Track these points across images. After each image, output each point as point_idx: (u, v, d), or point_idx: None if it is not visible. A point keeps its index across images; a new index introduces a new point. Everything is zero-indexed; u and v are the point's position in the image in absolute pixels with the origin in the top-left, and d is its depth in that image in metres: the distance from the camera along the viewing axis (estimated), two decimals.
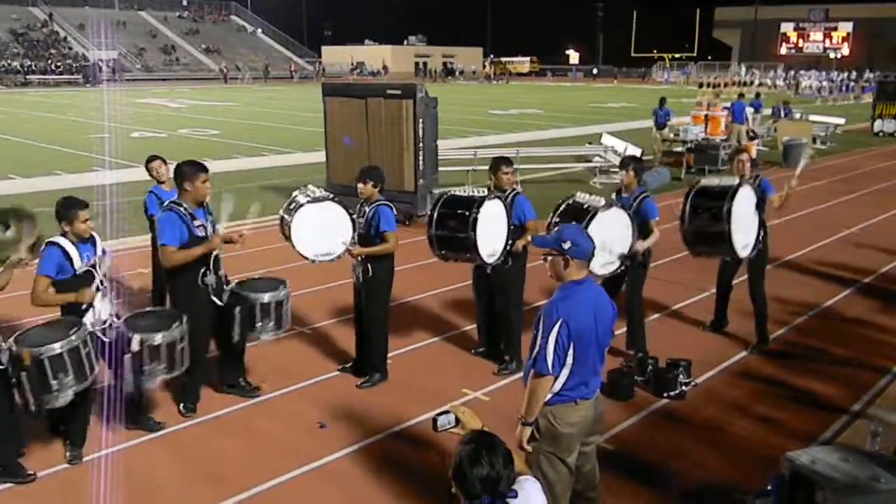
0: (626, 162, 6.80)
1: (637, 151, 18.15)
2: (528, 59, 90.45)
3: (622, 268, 6.33)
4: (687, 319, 8.10)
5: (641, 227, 6.42)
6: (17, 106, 37.09)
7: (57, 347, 4.79)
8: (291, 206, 6.21)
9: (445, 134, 19.80)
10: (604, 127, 25.22)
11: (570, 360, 3.76)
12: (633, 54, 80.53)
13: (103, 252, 5.44)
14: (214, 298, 5.86)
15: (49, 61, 59.74)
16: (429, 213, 6.36)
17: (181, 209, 5.69)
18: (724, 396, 6.36)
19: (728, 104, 21.65)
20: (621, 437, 5.65)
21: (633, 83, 70.90)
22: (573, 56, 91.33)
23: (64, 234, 5.21)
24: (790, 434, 5.63)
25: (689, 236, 6.46)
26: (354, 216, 6.26)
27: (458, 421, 3.04)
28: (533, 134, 26.17)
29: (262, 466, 5.23)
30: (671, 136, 20.00)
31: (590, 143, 19.54)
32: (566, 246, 3.77)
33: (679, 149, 19.03)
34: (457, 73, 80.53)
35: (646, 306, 7.27)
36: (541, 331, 3.74)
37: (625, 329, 6.89)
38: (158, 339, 5.31)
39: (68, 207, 5.20)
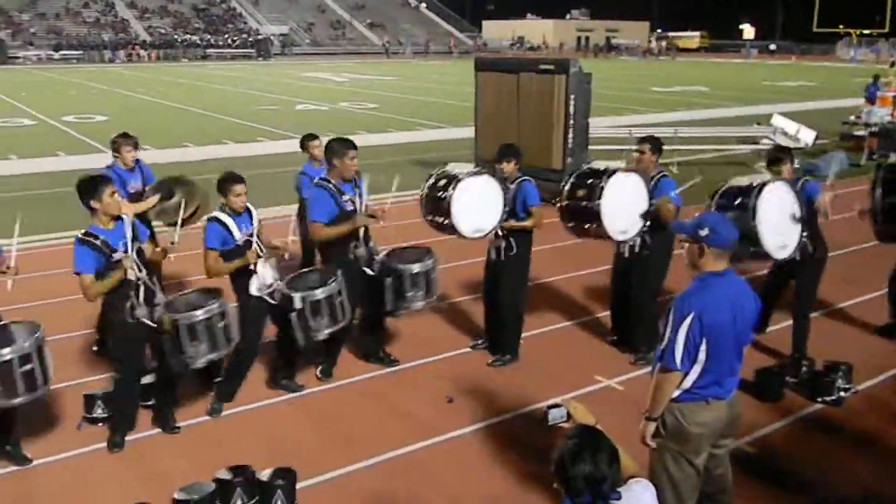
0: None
1: (811, 134, 16.85)
2: (697, 34, 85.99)
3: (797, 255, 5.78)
4: (852, 320, 7.42)
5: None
6: (195, 78, 39.81)
7: (199, 315, 5.05)
8: (448, 181, 6.00)
9: (600, 111, 19.32)
10: (776, 107, 23.59)
11: (702, 356, 3.51)
12: (815, 29, 74.65)
13: (259, 222, 5.72)
14: (366, 269, 6.00)
15: (226, 36, 63.55)
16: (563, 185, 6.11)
17: (330, 185, 5.87)
18: (889, 406, 5.78)
19: None
20: (766, 441, 5.27)
21: (813, 61, 65.93)
22: (748, 31, 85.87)
23: (222, 208, 5.51)
24: None
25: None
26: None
27: (569, 416, 2.90)
28: (696, 113, 24.93)
29: (390, 435, 5.33)
30: (852, 118, 18.41)
31: (758, 124, 18.33)
32: (703, 233, 3.50)
33: (861, 132, 17.47)
34: (620, 48, 78.14)
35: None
36: (670, 323, 3.51)
37: (779, 326, 6.41)
38: (319, 294, 5.54)
39: (225, 182, 5.49)
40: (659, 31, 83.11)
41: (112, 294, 4.95)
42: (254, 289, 5.47)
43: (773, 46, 75.72)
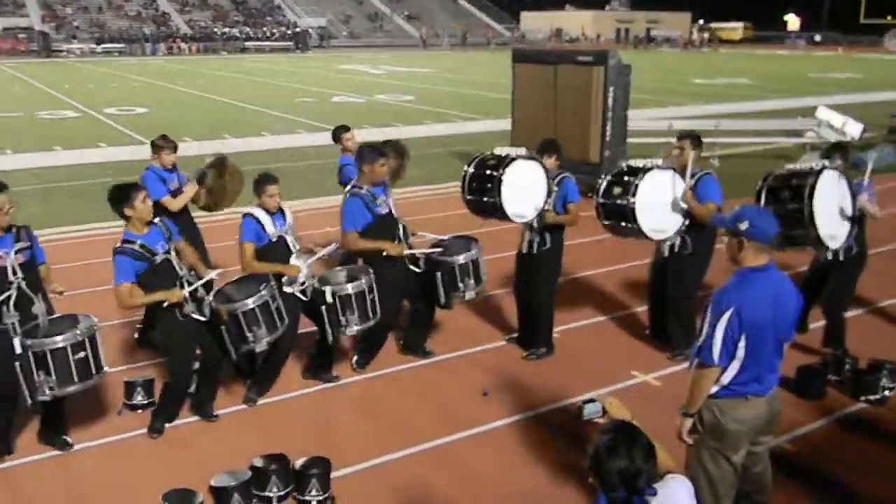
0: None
1: (858, 127, 16.43)
2: (740, 24, 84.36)
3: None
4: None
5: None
6: (234, 71, 40.22)
7: (250, 303, 5.11)
8: (499, 161, 5.94)
9: (639, 103, 19.10)
10: (822, 100, 23.05)
11: (741, 352, 3.45)
12: (862, 20, 72.82)
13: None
14: (412, 267, 6.01)
15: (265, 28, 64.06)
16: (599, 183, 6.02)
17: (363, 192, 5.88)
18: None
19: None
20: (806, 439, 5.17)
21: (860, 52, 64.36)
22: (793, 22, 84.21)
23: (259, 206, 5.59)
24: None
25: None
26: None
27: (605, 411, 2.86)
28: (739, 105, 24.47)
29: (424, 426, 5.34)
30: None
31: (802, 117, 17.95)
32: (742, 226, 3.43)
33: None
34: (660, 40, 77.08)
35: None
36: (709, 318, 3.45)
37: (821, 324, 6.28)
38: (349, 289, 5.58)
39: (259, 182, 5.60)
40: (701, 22, 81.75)
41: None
42: (286, 285, 5.52)
43: (818, 38, 74.08)
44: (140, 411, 5.50)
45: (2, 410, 4.85)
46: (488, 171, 5.92)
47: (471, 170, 6.06)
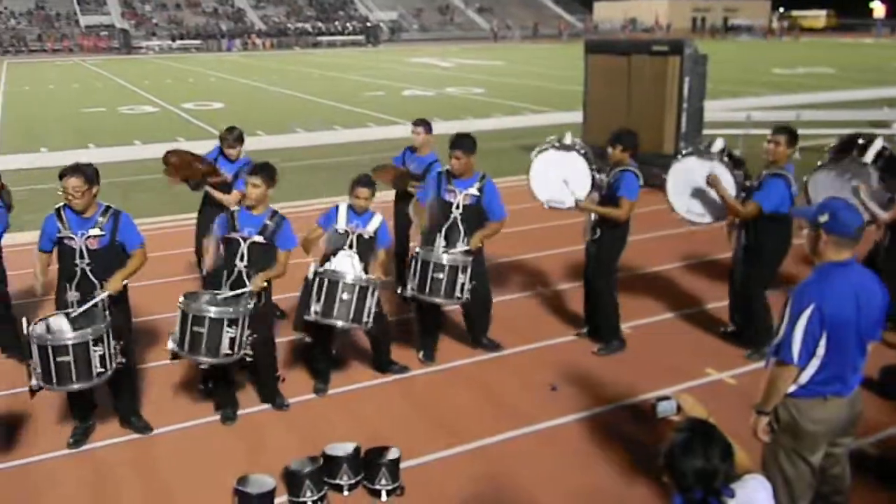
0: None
1: None
2: (823, 12, 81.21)
3: None
4: None
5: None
6: (306, 65, 40.88)
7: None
8: (540, 151, 6.40)
9: (716, 94, 18.59)
10: None
11: (821, 350, 3.32)
12: None
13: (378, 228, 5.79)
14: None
15: (337, 23, 64.90)
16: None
17: (443, 173, 6.09)
18: None
19: None
20: (890, 442, 4.94)
21: None
22: (878, 9, 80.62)
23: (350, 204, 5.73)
24: None
25: None
26: (598, 175, 6.11)
27: (679, 409, 2.78)
28: (821, 95, 23.58)
29: (491, 420, 5.32)
30: None
31: (889, 107, 17.15)
32: (822, 219, 3.29)
33: None
34: (738, 29, 74.80)
35: None
36: (788, 315, 3.33)
37: None
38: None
39: (352, 183, 5.73)
40: (781, 10, 79.01)
41: None
42: (310, 272, 5.48)
43: None
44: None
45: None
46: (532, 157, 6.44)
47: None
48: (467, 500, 4.48)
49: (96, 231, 4.95)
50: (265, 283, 5.21)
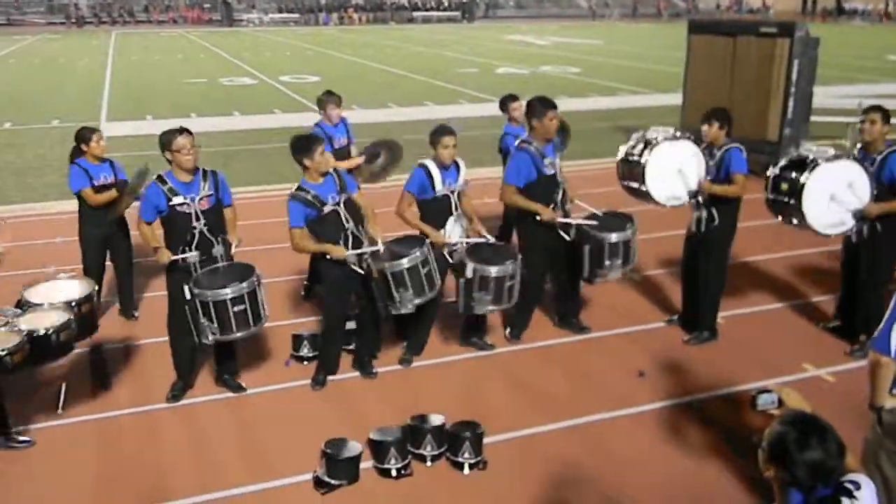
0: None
1: None
2: None
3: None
4: None
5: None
6: (402, 41, 41.04)
7: (405, 263, 5.20)
8: (644, 145, 5.90)
9: (827, 80, 17.72)
10: None
11: None
12: None
13: (465, 183, 5.82)
14: (562, 233, 5.92)
15: None
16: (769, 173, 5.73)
17: (531, 148, 5.82)
18: None
19: None
20: None
21: None
22: None
23: (434, 158, 5.65)
24: None
25: None
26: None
27: (781, 402, 2.68)
28: None
29: (576, 401, 5.30)
30: None
31: None
32: None
33: None
34: (853, 12, 70.87)
35: None
36: (892, 306, 3.20)
37: None
38: (492, 272, 5.49)
39: (435, 133, 5.63)
40: None
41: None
42: (469, 271, 5.46)
43: None
44: (305, 363, 5.80)
45: (181, 343, 5.28)
46: (634, 157, 5.89)
47: (621, 155, 6.05)
48: (550, 479, 4.47)
49: (208, 191, 5.16)
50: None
